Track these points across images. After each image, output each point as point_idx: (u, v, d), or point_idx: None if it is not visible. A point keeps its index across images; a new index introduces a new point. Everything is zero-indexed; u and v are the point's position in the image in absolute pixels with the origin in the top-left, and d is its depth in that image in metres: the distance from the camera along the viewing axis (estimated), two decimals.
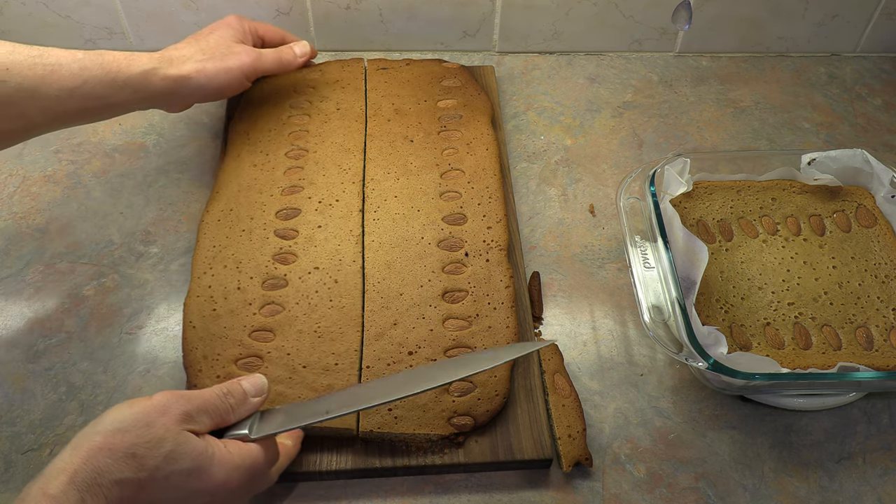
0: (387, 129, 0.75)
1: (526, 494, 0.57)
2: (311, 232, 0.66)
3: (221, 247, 0.66)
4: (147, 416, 0.44)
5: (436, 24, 0.87)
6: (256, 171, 0.71)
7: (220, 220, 0.68)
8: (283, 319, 0.61)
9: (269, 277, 0.64)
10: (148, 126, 0.81)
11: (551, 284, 0.69)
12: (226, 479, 0.46)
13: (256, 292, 0.63)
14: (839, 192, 0.70)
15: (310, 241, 0.66)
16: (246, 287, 0.63)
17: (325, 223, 0.67)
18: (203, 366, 0.59)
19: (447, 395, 0.58)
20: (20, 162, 0.77)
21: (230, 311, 0.62)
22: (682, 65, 0.89)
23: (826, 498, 0.57)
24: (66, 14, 0.84)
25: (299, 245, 0.66)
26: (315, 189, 0.70)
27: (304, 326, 0.61)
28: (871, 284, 0.64)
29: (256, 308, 0.62)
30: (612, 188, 0.76)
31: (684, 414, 0.61)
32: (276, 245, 0.66)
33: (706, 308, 0.62)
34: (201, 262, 0.65)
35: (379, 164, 0.72)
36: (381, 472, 0.57)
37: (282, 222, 0.67)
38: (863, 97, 0.86)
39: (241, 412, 0.49)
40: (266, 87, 0.79)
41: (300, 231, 0.67)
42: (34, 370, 0.62)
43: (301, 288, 0.63)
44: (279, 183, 0.70)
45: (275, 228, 0.67)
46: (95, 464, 0.42)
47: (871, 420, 0.61)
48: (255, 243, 0.66)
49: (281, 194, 0.69)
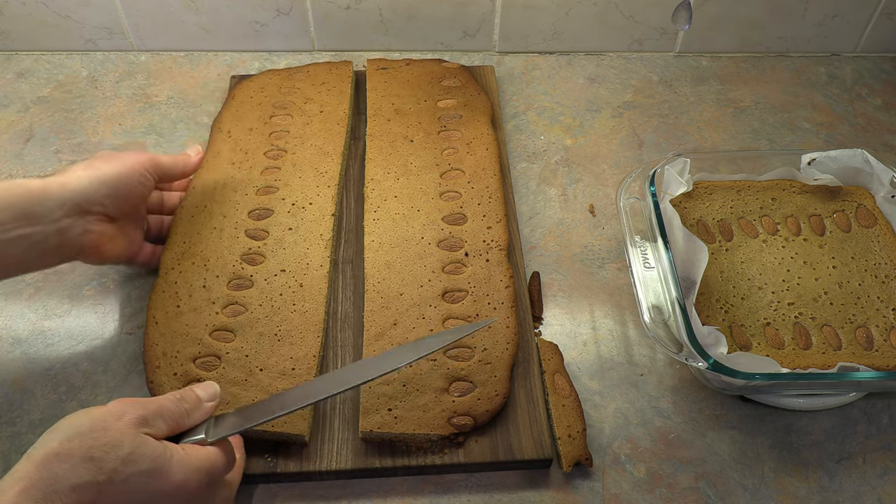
0: (387, 129, 0.75)
1: (526, 494, 0.57)
2: (282, 234, 0.66)
3: (192, 243, 0.65)
4: (103, 420, 0.44)
5: (436, 24, 0.87)
6: (234, 169, 0.71)
7: (194, 216, 0.67)
8: (245, 321, 0.61)
9: (235, 277, 0.63)
10: (148, 126, 0.81)
11: (551, 284, 0.69)
12: (185, 480, 0.45)
13: (221, 291, 0.63)
14: (839, 192, 0.70)
15: (279, 244, 0.66)
16: (211, 285, 0.63)
17: (297, 226, 0.67)
18: (161, 362, 0.59)
19: (447, 394, 0.58)
20: (20, 162, 0.77)
21: (193, 309, 0.61)
22: (682, 65, 0.89)
23: (826, 498, 0.57)
24: (66, 14, 0.84)
25: (268, 246, 0.65)
26: (290, 191, 0.69)
27: (264, 329, 0.61)
28: (871, 284, 0.64)
29: (220, 307, 0.62)
30: (612, 188, 0.76)
31: (684, 414, 0.61)
32: (245, 245, 0.65)
33: (706, 308, 0.62)
34: (170, 257, 0.65)
35: (379, 164, 0.72)
36: (381, 472, 0.57)
37: (253, 222, 0.67)
38: (863, 97, 0.86)
39: (195, 417, 0.49)
40: (251, 86, 0.79)
41: (270, 232, 0.66)
42: (34, 370, 0.62)
43: (266, 290, 0.63)
44: (255, 182, 0.70)
45: (246, 228, 0.67)
46: (51, 471, 0.41)
47: (871, 420, 0.61)
48: (225, 242, 0.65)
49: (256, 194, 0.69)
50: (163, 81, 0.86)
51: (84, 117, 0.82)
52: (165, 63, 0.88)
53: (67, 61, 0.87)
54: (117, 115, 0.82)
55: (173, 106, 0.83)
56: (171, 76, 0.86)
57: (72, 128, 0.80)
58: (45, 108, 0.82)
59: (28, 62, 0.87)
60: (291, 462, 0.56)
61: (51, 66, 0.87)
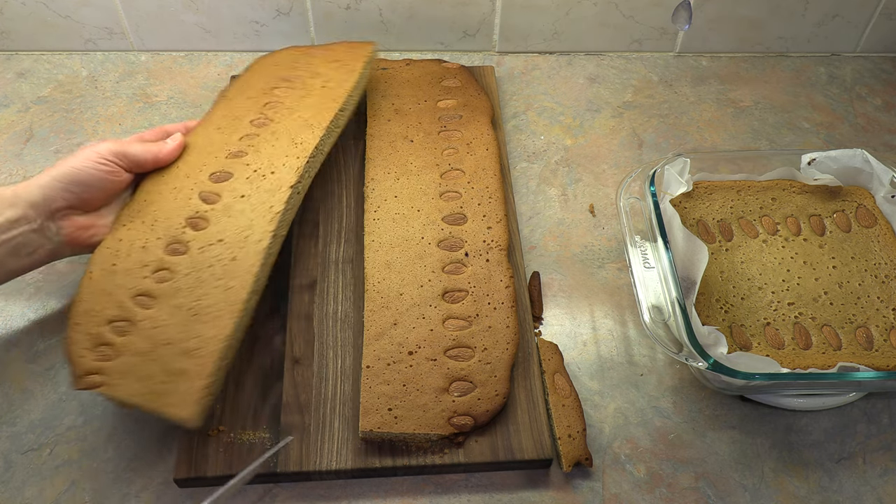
0: (387, 129, 0.75)
1: (526, 494, 0.57)
2: (232, 201, 0.63)
3: (150, 202, 0.63)
4: None
5: (436, 24, 0.87)
6: (217, 133, 0.69)
7: (163, 174, 0.65)
8: (168, 289, 0.58)
9: (174, 241, 0.61)
10: (148, 126, 0.81)
11: (551, 284, 0.69)
12: None
13: (156, 254, 0.60)
14: (839, 192, 0.70)
15: (226, 211, 0.63)
16: (151, 247, 0.60)
17: (250, 194, 0.63)
18: (82, 320, 0.57)
19: (447, 394, 0.58)
20: (20, 162, 0.77)
21: (126, 270, 0.59)
22: (682, 65, 0.89)
23: (826, 498, 0.57)
24: (66, 14, 0.84)
25: (216, 212, 0.62)
26: (257, 157, 0.66)
27: (183, 301, 0.57)
28: (871, 284, 0.64)
29: (150, 271, 0.59)
30: (612, 188, 0.76)
31: (684, 414, 0.61)
32: (194, 208, 0.63)
33: (706, 308, 0.62)
34: (126, 213, 0.63)
35: (379, 164, 0.72)
36: (381, 472, 0.57)
37: (211, 185, 0.64)
38: (863, 97, 0.86)
39: None
40: (270, 59, 0.77)
41: (222, 197, 0.63)
42: (34, 370, 0.62)
43: (197, 259, 0.60)
44: (230, 146, 0.67)
45: (201, 190, 0.64)
46: None
47: (871, 420, 0.61)
48: (178, 202, 0.63)
49: (225, 158, 0.66)
50: (163, 81, 0.86)
51: (84, 117, 0.82)
52: (165, 63, 0.88)
53: (67, 61, 0.87)
54: (117, 115, 0.82)
55: (173, 106, 0.83)
56: (170, 76, 0.86)
57: (72, 128, 0.80)
58: (45, 108, 0.82)
59: (28, 62, 0.87)
60: (291, 462, 0.56)
61: (51, 66, 0.87)
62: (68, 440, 0.59)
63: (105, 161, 0.61)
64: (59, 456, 0.58)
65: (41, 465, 0.58)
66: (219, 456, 0.56)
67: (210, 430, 0.57)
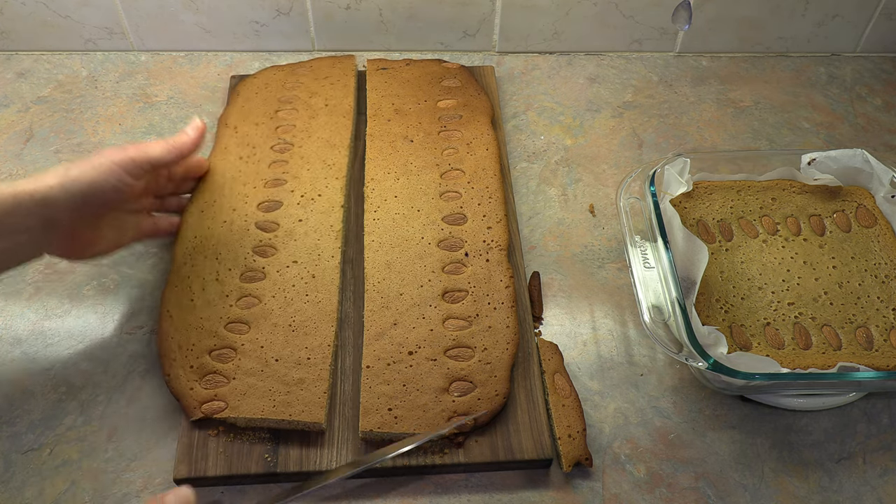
0: (387, 129, 0.75)
1: (526, 494, 0.57)
2: (292, 226, 0.67)
3: (203, 237, 0.66)
4: None
5: (436, 24, 0.87)
6: (242, 163, 0.71)
7: (204, 210, 0.68)
8: (259, 312, 0.62)
9: (247, 269, 0.64)
10: (148, 126, 0.81)
11: (551, 284, 0.69)
12: None
13: (234, 284, 0.63)
14: (839, 192, 0.70)
15: (290, 235, 0.66)
16: (224, 279, 0.63)
17: (306, 217, 0.67)
18: (177, 355, 0.59)
19: (447, 394, 0.58)
20: (20, 162, 0.77)
21: (207, 302, 0.62)
22: (682, 65, 0.89)
23: (826, 498, 0.57)
24: (66, 14, 0.84)
25: (279, 238, 0.66)
26: (298, 183, 0.70)
27: (279, 320, 0.61)
28: (871, 284, 0.64)
29: (233, 300, 0.62)
30: (612, 188, 0.76)
31: (684, 414, 0.61)
32: (256, 237, 0.66)
33: (706, 308, 0.62)
34: (182, 252, 0.65)
35: (379, 164, 0.72)
36: (381, 472, 0.57)
37: (263, 214, 0.68)
38: (863, 97, 0.86)
39: None
40: (255, 83, 0.79)
41: (281, 224, 0.67)
42: (34, 370, 0.62)
43: (278, 281, 0.63)
44: (263, 175, 0.70)
45: (256, 220, 0.67)
46: None
47: (871, 420, 0.61)
48: (236, 235, 0.66)
49: (264, 187, 0.69)
50: (163, 81, 0.86)
51: (84, 117, 0.82)
52: (165, 63, 0.88)
53: (67, 61, 0.87)
54: (117, 115, 0.82)
55: (173, 106, 0.83)
56: (170, 76, 0.86)
57: (72, 128, 0.80)
58: (45, 108, 0.82)
59: (28, 62, 0.87)
60: (291, 462, 0.56)
61: (51, 66, 0.87)
62: (68, 440, 0.59)
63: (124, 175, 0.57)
64: (59, 456, 0.58)
65: (41, 465, 0.58)
66: (219, 456, 0.56)
67: (210, 430, 0.57)
